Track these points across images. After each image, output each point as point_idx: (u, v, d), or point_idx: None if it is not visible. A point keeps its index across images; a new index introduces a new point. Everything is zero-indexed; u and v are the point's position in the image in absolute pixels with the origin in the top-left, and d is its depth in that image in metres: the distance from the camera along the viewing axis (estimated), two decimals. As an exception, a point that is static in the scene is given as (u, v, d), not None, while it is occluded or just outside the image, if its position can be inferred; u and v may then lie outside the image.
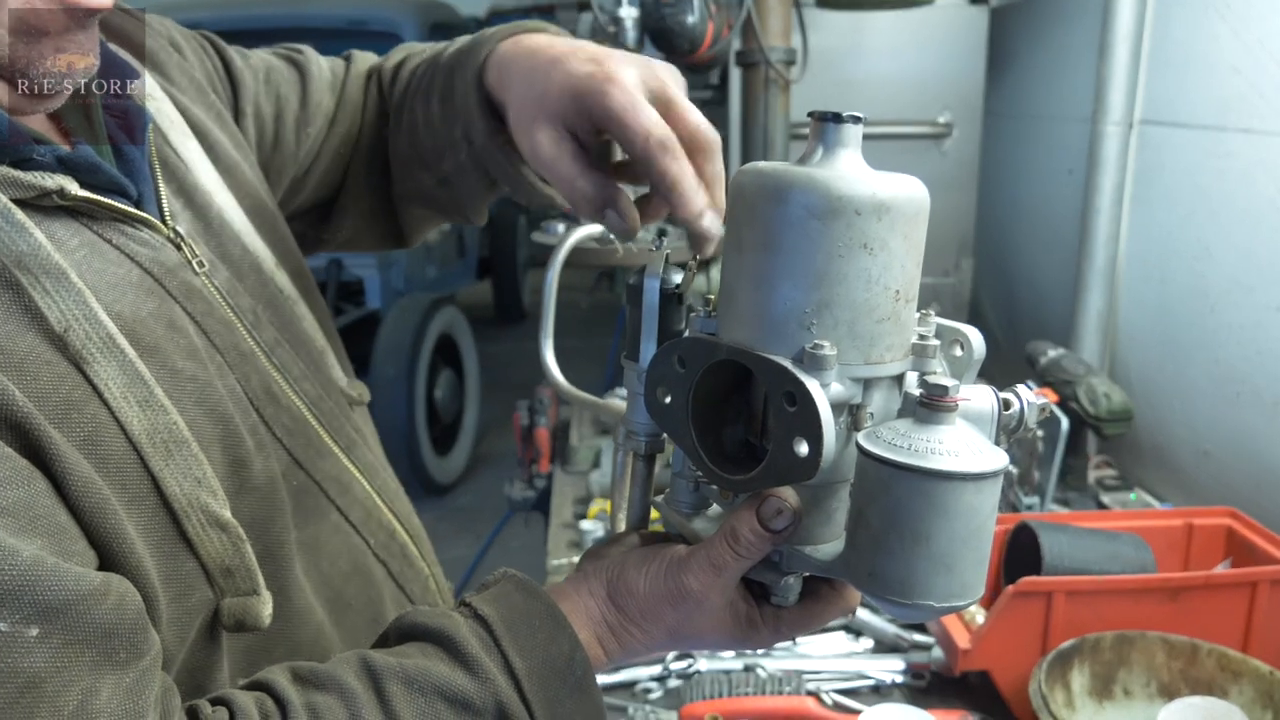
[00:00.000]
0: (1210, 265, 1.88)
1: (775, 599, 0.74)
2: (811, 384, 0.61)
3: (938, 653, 1.42)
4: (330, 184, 1.10)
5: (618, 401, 0.87)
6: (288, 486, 0.82)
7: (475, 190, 1.00)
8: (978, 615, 1.43)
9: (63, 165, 0.68)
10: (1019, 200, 2.70)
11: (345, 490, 0.89)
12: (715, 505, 0.77)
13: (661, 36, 2.07)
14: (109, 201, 0.72)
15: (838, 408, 0.63)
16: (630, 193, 0.81)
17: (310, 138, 1.05)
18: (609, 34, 2.12)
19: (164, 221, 0.78)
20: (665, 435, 0.77)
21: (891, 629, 1.48)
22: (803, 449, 0.62)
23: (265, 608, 0.72)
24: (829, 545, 0.70)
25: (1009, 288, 2.79)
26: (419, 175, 1.05)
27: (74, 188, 0.68)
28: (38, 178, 0.66)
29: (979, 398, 0.68)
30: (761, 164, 0.67)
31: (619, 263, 1.96)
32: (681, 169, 0.75)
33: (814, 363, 0.62)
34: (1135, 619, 1.29)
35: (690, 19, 2.03)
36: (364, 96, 1.10)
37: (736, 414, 0.72)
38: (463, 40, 1.00)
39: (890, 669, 1.42)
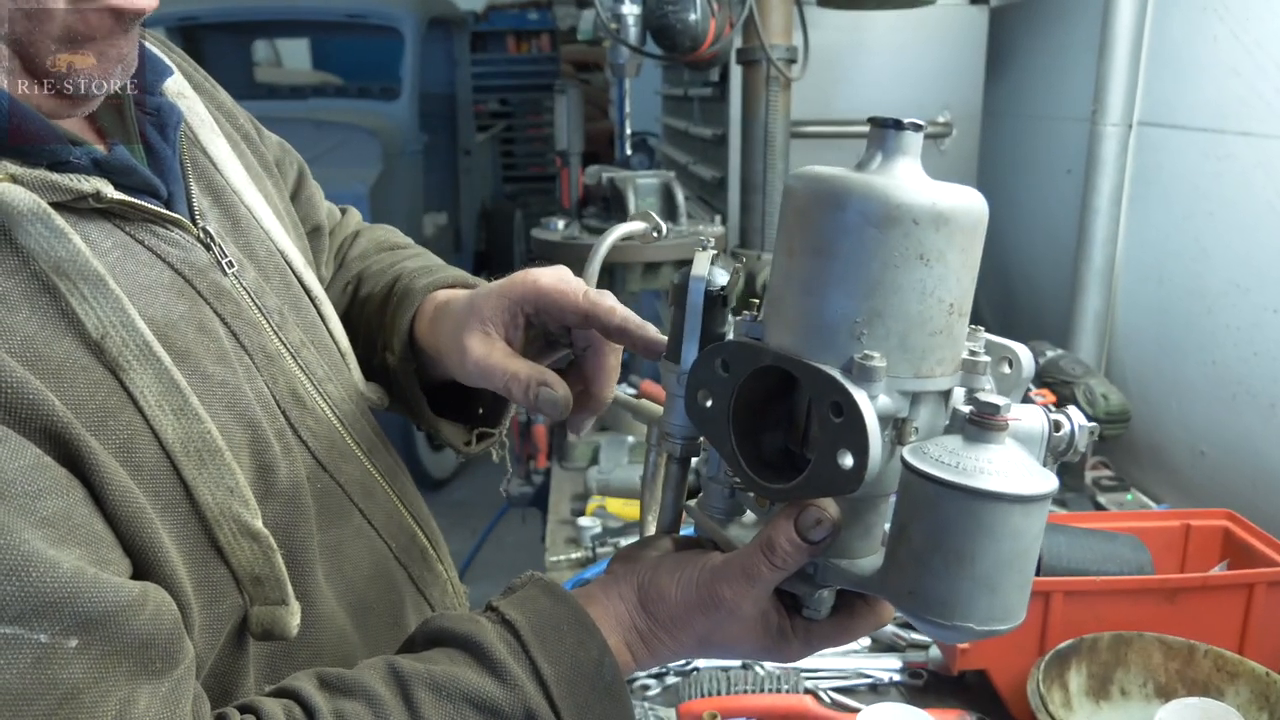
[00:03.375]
0: (1208, 267, 1.88)
1: (808, 611, 0.73)
2: (860, 395, 0.60)
3: (935, 652, 1.43)
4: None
5: (649, 403, 0.87)
6: (312, 490, 0.81)
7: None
8: (975, 615, 1.43)
9: (98, 167, 0.68)
10: (1017, 200, 2.70)
11: (368, 494, 0.89)
12: (750, 512, 0.76)
13: (663, 34, 2.07)
14: (143, 203, 0.71)
15: (884, 420, 0.62)
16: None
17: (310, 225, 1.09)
18: (611, 31, 2.11)
19: (193, 221, 0.78)
20: (702, 439, 0.76)
21: (890, 627, 1.48)
22: (847, 461, 0.60)
23: (294, 618, 0.72)
24: (866, 560, 0.69)
25: (1007, 287, 2.79)
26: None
27: (109, 191, 0.68)
28: (74, 181, 0.66)
29: (1030, 418, 0.67)
30: (818, 168, 0.65)
31: (619, 258, 1.96)
32: (643, 335, 0.83)
33: (863, 374, 0.60)
34: (1133, 620, 1.30)
35: (692, 16, 2.02)
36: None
37: (777, 421, 0.70)
38: (387, 279, 1.04)
39: (888, 668, 1.43)
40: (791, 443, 0.70)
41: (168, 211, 0.74)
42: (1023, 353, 0.70)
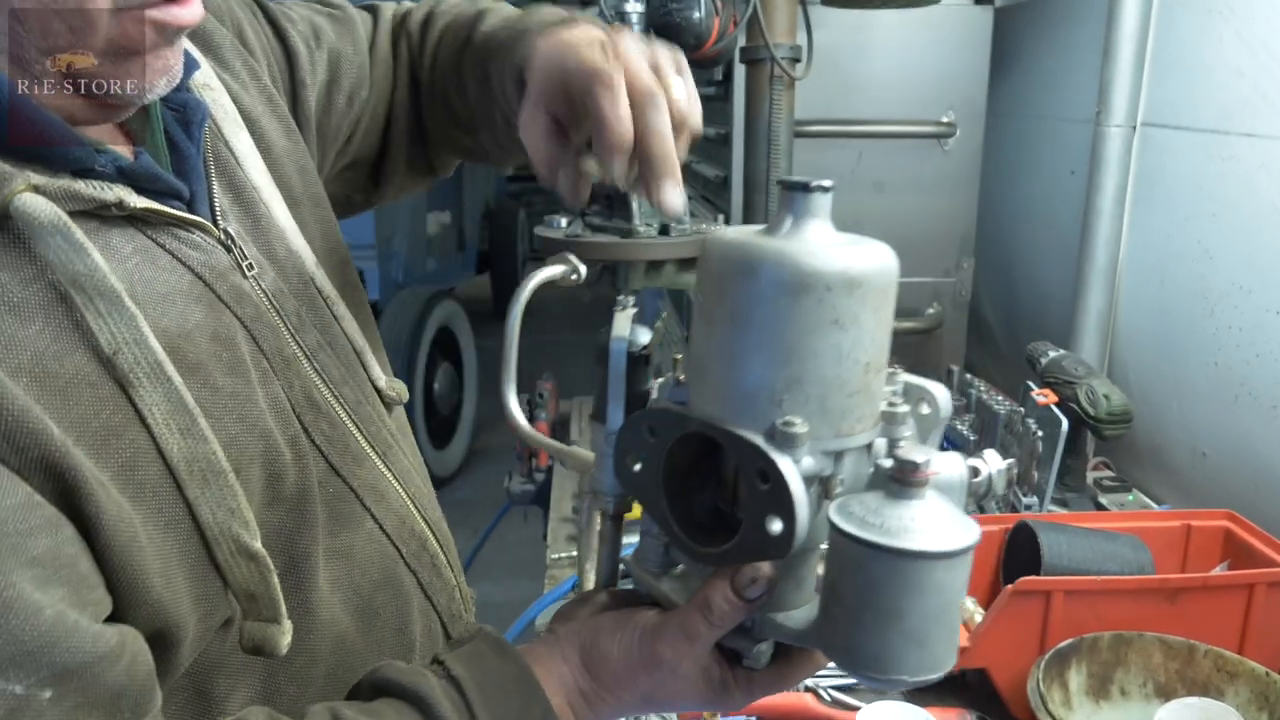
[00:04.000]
0: (1210, 268, 1.88)
1: (748, 662, 0.74)
2: (784, 462, 0.60)
3: (935, 650, 1.42)
4: (370, 143, 1.10)
5: (580, 450, 0.87)
6: (323, 494, 0.81)
7: (510, 154, 1.03)
8: (976, 614, 1.43)
9: (122, 174, 0.68)
10: (1021, 200, 2.70)
11: (381, 498, 0.89)
12: (683, 565, 0.77)
13: (666, 31, 2.07)
14: (166, 209, 0.71)
15: (809, 480, 0.63)
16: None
17: (359, 100, 1.05)
18: (614, 29, 2.12)
19: (215, 221, 0.78)
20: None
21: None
22: (776, 526, 0.61)
23: (284, 636, 0.72)
24: (800, 611, 0.70)
25: (1010, 288, 2.79)
26: (455, 135, 1.08)
27: (132, 199, 0.68)
28: (97, 190, 0.66)
29: (949, 467, 0.68)
30: (729, 233, 0.65)
31: (623, 256, 1.96)
32: (611, 103, 0.75)
33: (786, 440, 0.61)
34: (1133, 619, 1.30)
35: (696, 14, 2.02)
36: (394, 58, 1.10)
37: (706, 480, 0.71)
38: (492, 13, 1.00)
39: (888, 666, 1.42)
40: (721, 501, 0.71)
41: (190, 215, 0.74)
42: (939, 392, 0.71)
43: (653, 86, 0.76)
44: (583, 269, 0.83)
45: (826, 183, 0.64)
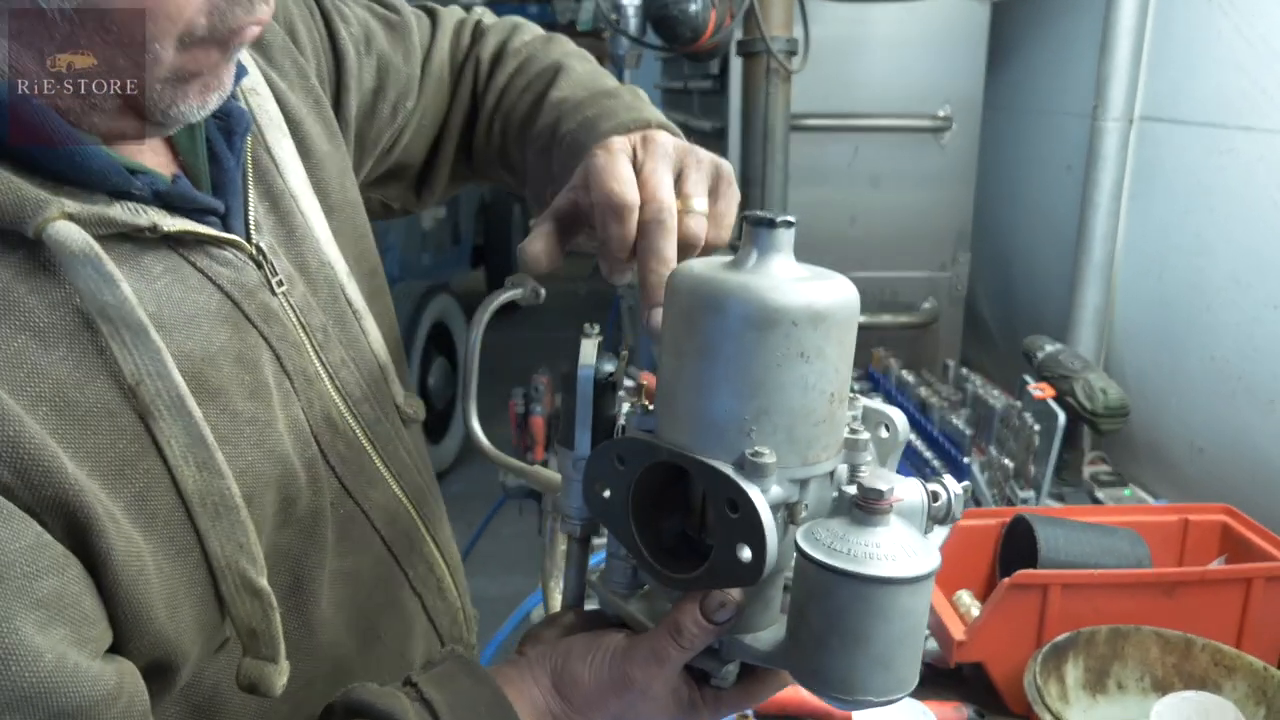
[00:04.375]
0: (1208, 262, 1.88)
1: (716, 681, 0.75)
2: (753, 491, 0.62)
3: (932, 644, 1.42)
4: (414, 154, 1.10)
5: (545, 471, 0.88)
6: (334, 515, 0.81)
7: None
8: (973, 608, 1.43)
9: (158, 198, 0.68)
10: (1017, 195, 2.70)
11: (392, 520, 0.88)
12: (649, 585, 0.79)
13: (663, 25, 2.06)
14: (200, 229, 0.71)
15: (775, 507, 0.64)
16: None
17: (403, 111, 1.05)
18: (611, 21, 2.11)
19: (248, 235, 0.77)
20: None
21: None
22: (745, 554, 0.63)
23: (280, 678, 0.72)
24: (768, 632, 0.71)
25: (1006, 282, 2.79)
26: (500, 172, 1.10)
27: (166, 222, 0.68)
28: (132, 214, 0.66)
29: (909, 493, 0.70)
30: (695, 266, 0.67)
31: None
32: (618, 230, 0.77)
33: (755, 470, 0.63)
34: (1130, 613, 1.29)
35: (692, 7, 2.02)
36: (455, 79, 1.10)
37: (673, 506, 0.73)
38: (566, 75, 1.03)
39: (884, 660, 1.42)
40: (689, 527, 0.73)
41: (223, 234, 0.74)
42: (897, 417, 0.73)
43: (662, 213, 0.76)
44: (542, 291, 0.85)
45: (791, 218, 0.66)
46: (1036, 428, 1.77)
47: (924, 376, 2.22)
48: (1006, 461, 1.78)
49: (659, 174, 0.78)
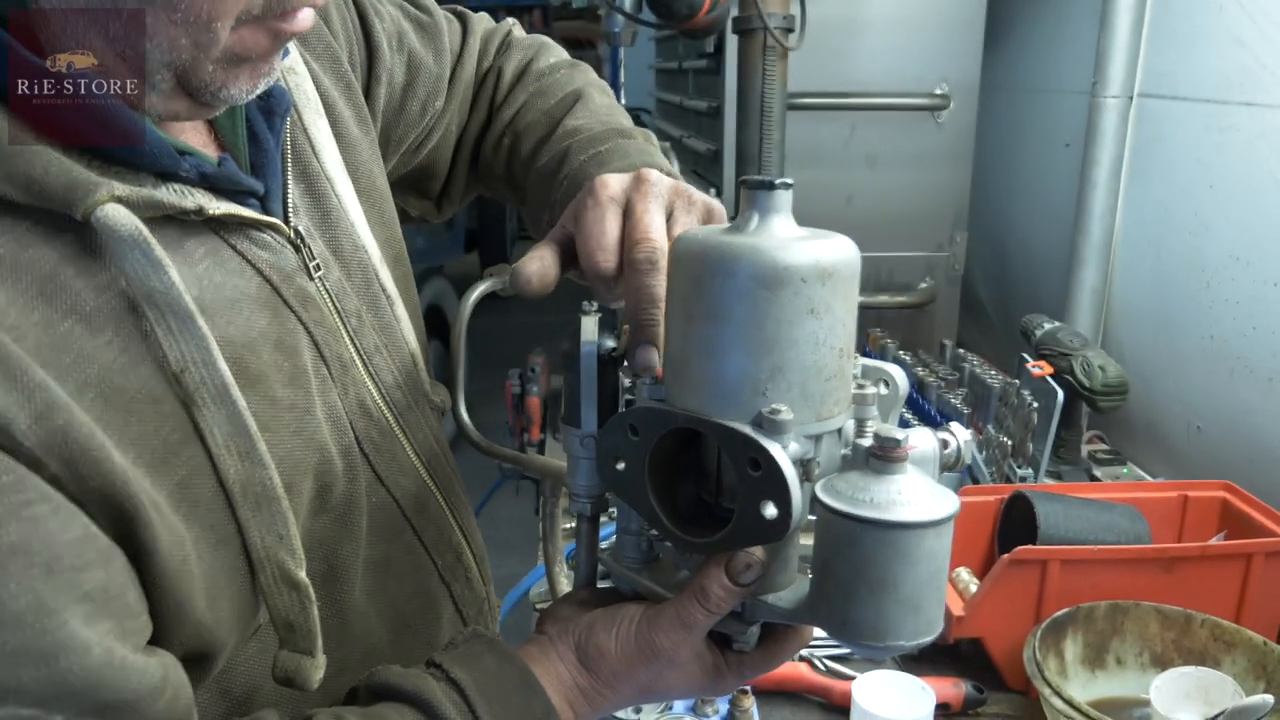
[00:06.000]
0: (1207, 240, 1.87)
1: (738, 645, 0.76)
2: (775, 448, 0.63)
3: (931, 622, 1.42)
4: (439, 158, 1.11)
5: (539, 457, 0.88)
6: (368, 504, 0.81)
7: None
8: (971, 583, 1.43)
9: (204, 179, 0.68)
10: (1015, 173, 2.68)
11: (422, 509, 0.88)
12: (662, 557, 0.79)
13: (659, 1, 2.04)
14: (242, 212, 0.71)
15: (794, 464, 0.65)
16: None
17: (432, 110, 1.05)
18: (606, -4, 2.09)
19: (286, 218, 0.77)
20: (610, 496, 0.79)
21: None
22: (770, 511, 0.64)
23: (317, 671, 0.72)
24: (789, 591, 0.72)
25: (1004, 261, 2.78)
26: (500, 187, 1.11)
27: (212, 205, 0.68)
28: (179, 196, 0.65)
29: (922, 441, 0.72)
30: (698, 233, 0.68)
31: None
32: (603, 276, 0.78)
33: (774, 427, 0.64)
34: (1129, 589, 1.29)
35: (689, -17, 2.00)
36: (478, 87, 1.11)
37: (686, 473, 0.73)
38: (583, 105, 1.04)
39: (883, 637, 1.42)
40: (704, 492, 0.74)
41: (264, 217, 0.74)
42: (897, 373, 0.75)
43: (655, 254, 0.76)
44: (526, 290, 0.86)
45: (788, 179, 0.68)
46: (1035, 405, 1.76)
47: (921, 356, 2.21)
48: (1004, 440, 1.77)
49: (651, 214, 0.79)
